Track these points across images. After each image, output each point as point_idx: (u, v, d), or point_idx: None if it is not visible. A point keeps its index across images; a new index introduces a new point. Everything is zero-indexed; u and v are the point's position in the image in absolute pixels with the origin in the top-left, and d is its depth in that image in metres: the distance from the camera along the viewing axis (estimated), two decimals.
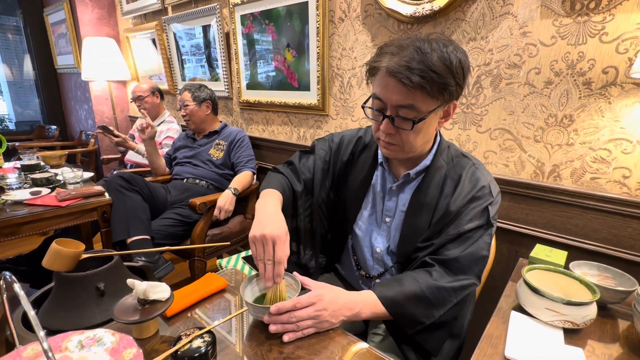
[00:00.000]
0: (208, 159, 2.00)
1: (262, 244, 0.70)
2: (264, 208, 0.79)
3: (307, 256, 1.04)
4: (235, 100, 2.39)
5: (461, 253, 0.77)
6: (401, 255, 0.87)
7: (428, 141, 0.82)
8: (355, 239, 0.98)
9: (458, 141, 1.37)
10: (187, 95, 2.03)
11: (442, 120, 0.79)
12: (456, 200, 0.80)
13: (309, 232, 1.02)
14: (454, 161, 0.85)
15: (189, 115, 2.02)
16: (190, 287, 0.82)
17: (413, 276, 0.77)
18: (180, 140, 2.19)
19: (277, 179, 0.95)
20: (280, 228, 0.72)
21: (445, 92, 0.70)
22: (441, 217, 0.81)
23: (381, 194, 0.92)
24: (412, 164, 0.86)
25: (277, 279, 0.71)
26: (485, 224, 0.78)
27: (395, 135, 0.77)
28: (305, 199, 0.98)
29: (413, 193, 0.86)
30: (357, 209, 0.96)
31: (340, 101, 1.77)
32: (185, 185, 1.94)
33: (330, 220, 1.03)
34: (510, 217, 1.29)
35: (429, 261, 0.79)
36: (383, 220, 0.92)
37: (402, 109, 0.73)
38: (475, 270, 0.78)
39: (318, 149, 1.01)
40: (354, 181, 0.96)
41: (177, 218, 1.74)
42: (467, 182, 0.81)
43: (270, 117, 2.20)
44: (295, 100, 1.95)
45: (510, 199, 1.27)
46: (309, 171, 0.98)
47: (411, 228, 0.85)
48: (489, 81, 1.26)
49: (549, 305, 0.72)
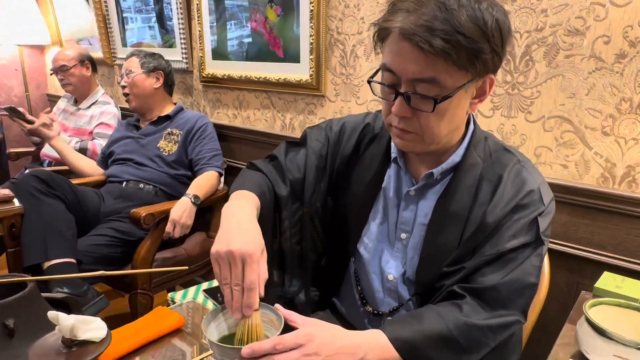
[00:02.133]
0: (156, 154, 2.02)
1: (227, 263, 0.71)
2: (233, 214, 0.79)
3: (294, 288, 1.05)
4: (196, 75, 2.42)
5: (501, 280, 0.78)
6: (422, 284, 0.89)
7: (456, 129, 0.84)
8: (359, 262, 1.00)
9: (500, 133, 1.41)
10: (133, 61, 2.06)
11: (476, 101, 0.81)
12: (495, 209, 0.82)
13: (296, 255, 1.03)
14: (493, 157, 0.87)
15: (130, 86, 2.05)
16: (134, 326, 0.83)
17: (437, 311, 0.79)
18: (119, 131, 2.21)
19: (253, 178, 0.97)
20: (253, 242, 0.73)
21: (477, 61, 0.72)
22: (475, 231, 0.83)
23: (395, 200, 0.94)
24: (436, 160, 0.88)
25: (246, 311, 0.71)
26: (534, 242, 0.80)
27: (412, 119, 0.79)
28: (293, 208, 1.00)
29: (438, 200, 0.88)
30: (362, 222, 0.98)
31: (342, 77, 1.81)
32: (126, 190, 1.95)
33: (327, 237, 1.05)
34: (569, 237, 1.32)
35: (459, 291, 0.81)
36: (397, 237, 0.94)
37: (420, 84, 0.74)
38: (520, 303, 0.79)
39: (311, 140, 1.02)
40: (359, 184, 0.98)
41: (113, 235, 1.75)
42: (509, 185, 0.83)
43: (244, 98, 2.22)
44: (280, 76, 1.98)
45: (569, 211, 1.31)
46: (299, 169, 1.00)
47: (435, 247, 0.87)
48: (541, 53, 1.30)
49: (619, 351, 0.75)
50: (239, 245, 0.71)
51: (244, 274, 0.71)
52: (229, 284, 0.71)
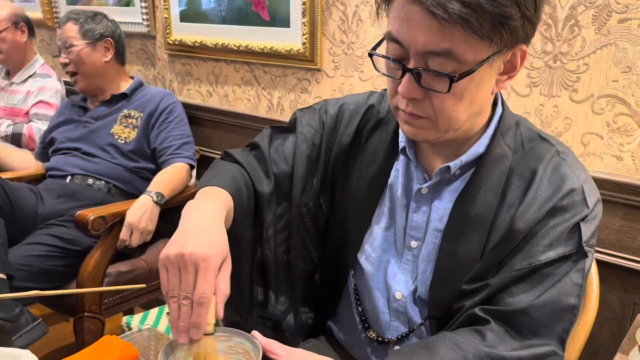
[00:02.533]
0: (109, 142, 2.03)
1: (177, 270, 0.72)
2: (195, 215, 0.80)
3: (280, 309, 1.07)
4: (160, 41, 2.43)
5: (534, 301, 0.79)
6: (436, 305, 0.91)
7: (479, 113, 0.85)
8: (360, 276, 1.02)
9: (539, 116, 1.43)
10: (71, 29, 2.04)
11: (504, 78, 0.83)
12: (527, 212, 0.83)
13: (283, 268, 1.05)
14: (526, 147, 0.88)
15: (75, 65, 2.05)
16: (75, 359, 0.85)
17: (453, 340, 0.80)
18: (62, 113, 2.21)
19: (227, 172, 0.98)
20: (211, 245, 0.74)
21: (504, 29, 0.73)
22: (501, 240, 0.84)
23: (404, 200, 0.96)
24: (454, 151, 0.90)
25: (193, 333, 0.71)
26: (575, 253, 0.81)
27: (423, 101, 0.79)
28: (278, 209, 1.02)
29: (456, 200, 0.89)
30: (363, 227, 1.00)
31: (342, 46, 1.82)
32: (70, 187, 1.96)
33: (321, 245, 1.07)
34: (624, 246, 1.34)
35: (481, 315, 0.82)
36: (406, 246, 0.95)
37: (433, 58, 0.75)
38: (557, 329, 0.80)
39: (302, 125, 1.04)
40: (360, 180, 0.99)
41: (53, 244, 1.75)
42: (545, 183, 0.84)
43: (221, 71, 2.24)
44: (265, 44, 1.99)
45: (624, 214, 1.33)
46: (286, 161, 1.01)
47: (453, 259, 0.88)
48: (589, 16, 1.32)
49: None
50: (193, 247, 0.72)
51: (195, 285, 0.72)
52: (177, 296, 0.71)
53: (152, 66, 2.51)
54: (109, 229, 1.76)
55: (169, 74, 2.45)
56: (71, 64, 2.04)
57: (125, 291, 1.84)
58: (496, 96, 0.91)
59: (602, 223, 1.35)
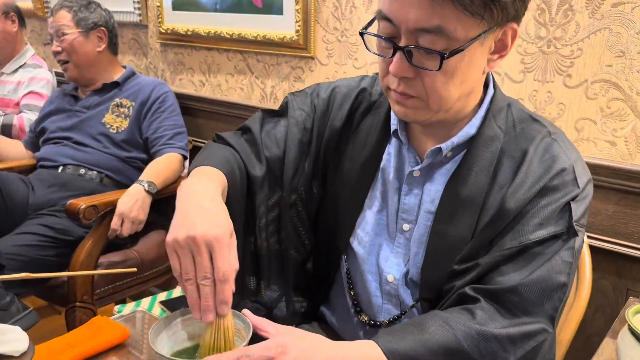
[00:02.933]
0: (101, 131, 2.02)
1: (189, 253, 0.72)
2: (193, 193, 0.81)
3: (273, 296, 1.07)
4: (152, 30, 2.43)
5: (524, 279, 0.80)
6: (428, 287, 0.91)
7: (471, 92, 0.86)
8: (352, 261, 1.02)
9: (532, 102, 1.43)
10: (64, 17, 2.03)
11: (495, 57, 0.83)
12: (517, 192, 0.83)
13: (275, 254, 1.05)
14: (517, 129, 0.89)
15: (67, 53, 2.04)
16: (64, 339, 0.86)
17: (443, 318, 0.80)
18: (52, 102, 2.20)
19: (220, 153, 0.98)
20: (219, 225, 0.74)
21: (495, 6, 0.73)
22: (492, 220, 0.84)
23: (396, 184, 0.96)
24: (446, 133, 0.90)
25: (222, 309, 0.73)
26: (566, 232, 0.82)
27: (415, 80, 0.80)
28: (270, 194, 1.02)
29: (447, 182, 0.90)
30: (356, 210, 1.00)
31: (335, 34, 1.82)
32: (62, 177, 1.96)
33: (313, 230, 1.07)
34: (618, 232, 1.34)
35: (472, 294, 0.82)
36: (399, 229, 0.96)
37: (424, 35, 0.75)
38: (546, 308, 0.81)
39: (293, 109, 1.04)
40: (352, 163, 1.00)
41: (45, 234, 1.75)
42: (536, 163, 0.85)
43: (214, 60, 2.23)
44: (259, 32, 1.99)
45: (618, 200, 1.33)
46: (277, 145, 1.01)
47: (444, 240, 0.89)
48: (583, 1, 1.32)
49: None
50: (203, 229, 0.72)
51: (212, 265, 0.72)
52: (192, 278, 0.72)
53: (144, 56, 2.50)
54: (101, 218, 1.76)
55: (161, 63, 2.44)
56: (63, 52, 2.03)
57: (117, 281, 1.84)
58: (487, 77, 0.91)
59: (596, 209, 1.36)
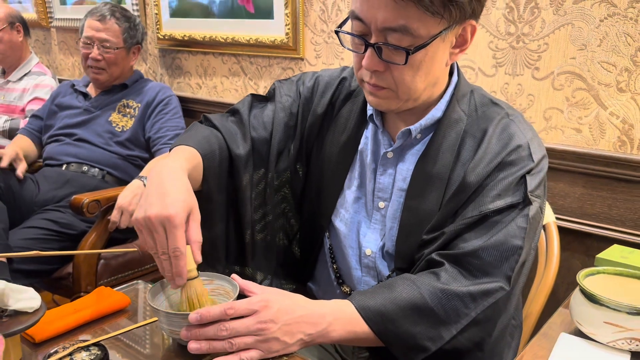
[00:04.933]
0: (107, 129, 2.09)
1: (148, 231, 0.78)
2: (158, 174, 0.85)
3: (259, 279, 1.13)
4: (150, 37, 2.51)
5: (483, 244, 0.86)
6: (402, 258, 0.98)
7: (436, 83, 0.93)
8: (335, 237, 1.09)
9: (504, 93, 1.52)
10: (114, 29, 2.06)
11: (456, 51, 0.90)
12: (477, 166, 0.90)
13: (261, 244, 1.11)
14: (479, 112, 0.96)
15: (107, 63, 2.08)
16: (72, 306, 0.92)
17: (410, 279, 0.87)
18: (64, 96, 2.22)
19: (201, 133, 1.02)
20: (173, 204, 0.78)
21: (452, 6, 0.80)
22: (455, 193, 0.91)
23: (372, 165, 1.03)
24: (416, 118, 0.96)
25: (178, 280, 0.80)
26: (522, 202, 0.88)
27: (385, 73, 0.86)
28: (255, 173, 1.08)
29: (417, 161, 0.97)
30: (337, 190, 1.07)
31: (323, 35, 1.90)
32: (65, 174, 2.02)
33: (299, 212, 1.14)
34: (585, 213, 1.42)
35: (437, 259, 0.88)
36: (375, 206, 1.03)
37: (391, 34, 0.81)
38: (503, 269, 0.86)
39: (280, 95, 1.10)
40: (333, 146, 1.07)
41: (50, 228, 1.81)
42: (494, 141, 0.92)
43: (209, 63, 2.31)
44: (251, 35, 2.07)
45: (584, 183, 1.42)
46: (264, 127, 1.08)
47: (415, 214, 0.96)
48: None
49: (609, 317, 0.83)
50: (156, 209, 0.78)
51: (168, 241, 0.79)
52: (156, 252, 0.80)
53: (144, 61, 2.58)
54: (103, 213, 1.81)
55: (159, 68, 2.51)
56: (103, 61, 2.07)
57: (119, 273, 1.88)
58: (452, 67, 0.98)
59: (565, 192, 1.44)
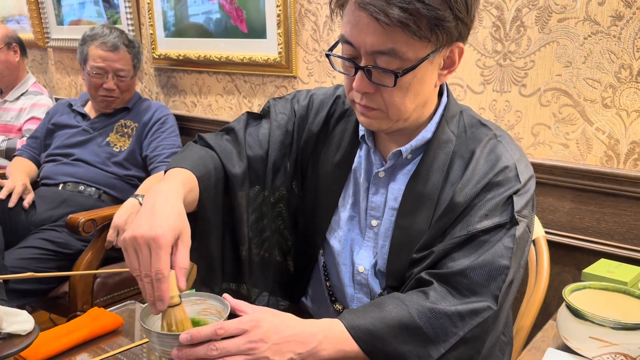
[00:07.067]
0: (105, 149, 2.10)
1: (133, 251, 0.77)
2: (152, 197, 0.84)
3: (253, 298, 1.14)
4: (147, 57, 2.52)
5: (471, 263, 0.87)
6: (393, 276, 0.99)
7: (425, 103, 0.95)
8: (329, 255, 1.10)
9: (493, 110, 1.54)
10: (125, 58, 2.08)
11: (444, 72, 0.92)
12: (465, 187, 0.91)
13: (258, 260, 1.12)
14: (468, 133, 0.98)
15: (120, 91, 2.10)
16: (65, 327, 0.93)
17: (400, 298, 0.88)
18: (61, 114, 2.22)
19: (196, 154, 1.02)
20: (162, 225, 0.77)
21: (439, 30, 0.82)
22: (444, 212, 0.93)
23: (365, 184, 1.04)
24: (407, 138, 0.98)
25: (158, 305, 0.77)
26: (509, 222, 0.89)
27: (375, 95, 0.88)
28: (251, 191, 1.08)
29: (408, 181, 0.98)
30: (331, 208, 1.08)
31: (315, 54, 1.93)
32: (62, 194, 2.02)
33: (294, 229, 1.15)
34: (574, 227, 1.44)
35: (426, 278, 0.89)
36: (368, 225, 1.04)
37: (380, 57, 0.83)
38: (491, 288, 0.86)
39: (275, 113, 1.11)
40: (327, 165, 1.08)
41: (45, 247, 1.81)
42: (482, 162, 0.93)
43: (204, 82, 2.33)
44: (245, 55, 2.09)
45: (573, 197, 1.43)
46: (260, 145, 1.08)
47: (406, 233, 0.97)
48: (533, 17, 1.43)
49: (594, 332, 0.85)
50: (144, 230, 0.76)
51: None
52: (140, 274, 0.78)
53: (140, 80, 2.60)
54: (99, 232, 1.81)
55: (155, 87, 2.54)
56: (117, 90, 2.09)
57: (115, 291, 1.89)
58: (442, 88, 1.00)
59: (554, 207, 1.46)
